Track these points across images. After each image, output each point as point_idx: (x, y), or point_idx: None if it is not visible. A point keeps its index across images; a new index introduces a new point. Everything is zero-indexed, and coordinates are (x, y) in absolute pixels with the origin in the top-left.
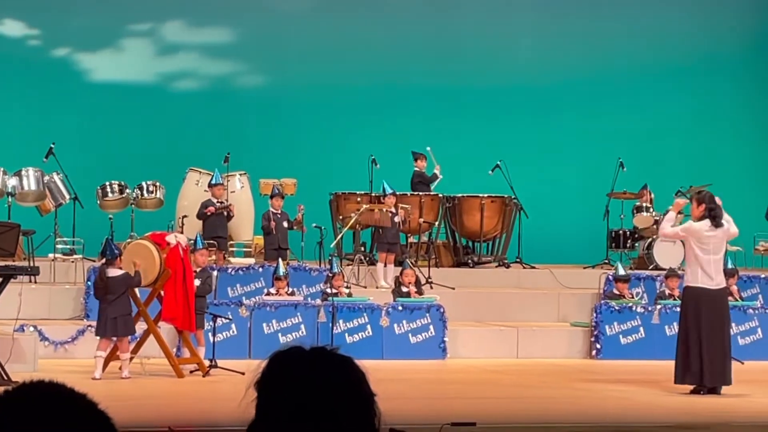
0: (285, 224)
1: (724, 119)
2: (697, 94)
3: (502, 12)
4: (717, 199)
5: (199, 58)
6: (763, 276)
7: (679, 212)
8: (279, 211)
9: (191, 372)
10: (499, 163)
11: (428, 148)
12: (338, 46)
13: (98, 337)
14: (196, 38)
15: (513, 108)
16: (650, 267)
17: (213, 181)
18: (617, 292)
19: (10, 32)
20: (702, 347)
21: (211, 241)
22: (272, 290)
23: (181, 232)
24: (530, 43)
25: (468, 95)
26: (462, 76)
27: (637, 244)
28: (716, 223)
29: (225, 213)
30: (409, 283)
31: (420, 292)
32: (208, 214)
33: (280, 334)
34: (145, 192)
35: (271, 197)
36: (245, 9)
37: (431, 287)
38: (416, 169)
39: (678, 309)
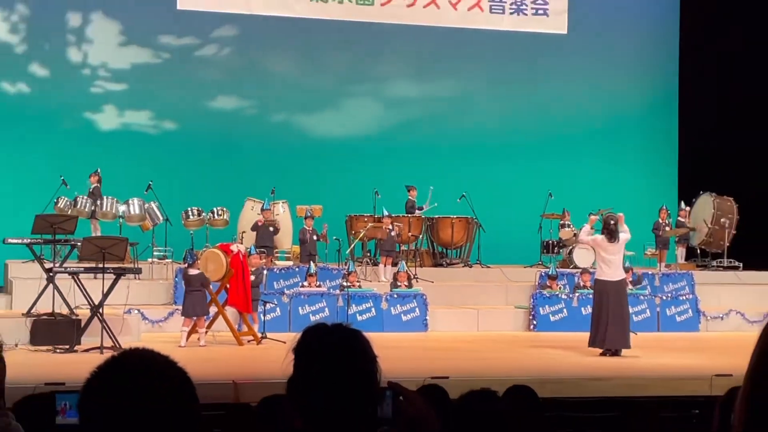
0: (314, 237)
1: (624, 162)
2: (604, 144)
3: (469, 87)
4: (620, 215)
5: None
6: (650, 272)
7: (591, 226)
8: (310, 228)
9: (248, 341)
10: (464, 194)
11: (431, 188)
12: (351, 108)
13: (183, 317)
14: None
15: (475, 154)
16: (571, 266)
17: (264, 207)
18: (548, 285)
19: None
20: (608, 322)
21: (262, 249)
22: (305, 284)
23: (241, 243)
24: (489, 108)
25: (444, 146)
26: (440, 132)
27: (561, 251)
28: (612, 237)
29: (272, 228)
30: (402, 279)
31: (409, 285)
32: (259, 224)
33: (310, 315)
34: (215, 215)
35: (305, 218)
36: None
37: (417, 281)
38: (409, 197)
39: (590, 296)
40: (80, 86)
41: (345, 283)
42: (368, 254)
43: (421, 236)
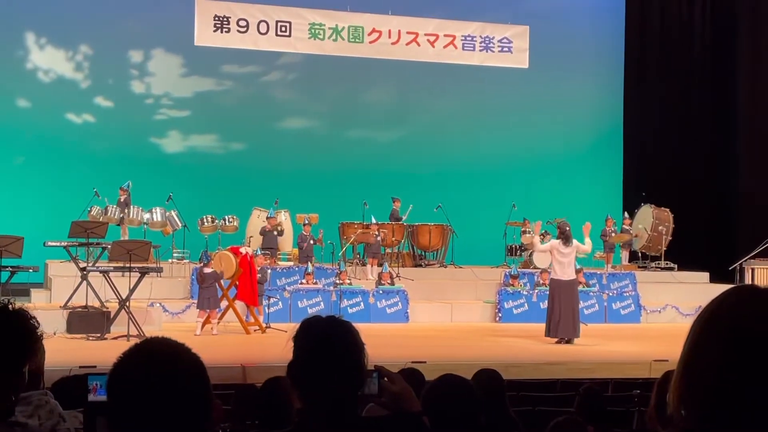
0: (311, 241)
1: (576, 180)
2: (560, 163)
3: (444, 112)
4: (587, 225)
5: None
6: (598, 272)
7: (537, 233)
8: (308, 234)
9: (254, 331)
10: (440, 204)
11: (410, 206)
12: (344, 130)
13: (198, 309)
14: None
15: (450, 170)
16: (531, 267)
17: (269, 215)
18: (511, 283)
19: None
20: (560, 315)
21: (266, 251)
22: (304, 281)
23: (249, 246)
24: (462, 129)
25: (423, 162)
26: (420, 150)
27: (523, 254)
28: (565, 241)
29: (276, 232)
30: (386, 278)
31: (392, 283)
32: (265, 230)
33: (308, 308)
34: (227, 222)
35: (303, 225)
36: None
37: (399, 279)
38: (393, 208)
39: (547, 292)
40: (144, 114)
41: (338, 281)
42: (357, 256)
43: (402, 241)
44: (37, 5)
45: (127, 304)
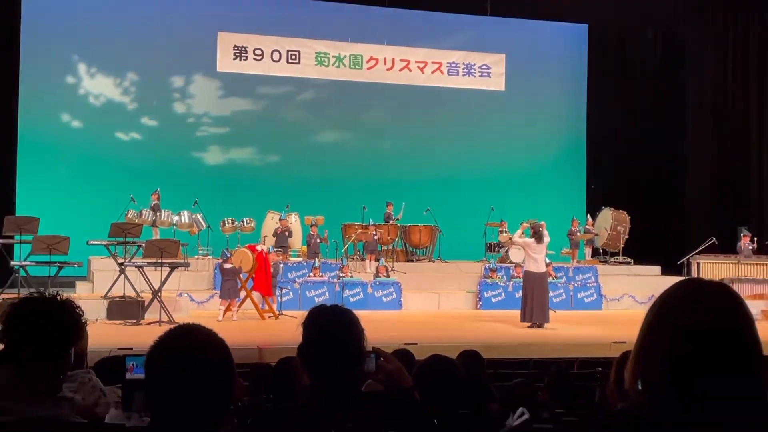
0: (318, 240)
1: (547, 186)
2: (533, 172)
3: (431, 127)
4: (542, 222)
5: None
6: (565, 266)
7: (522, 231)
8: (315, 234)
9: (269, 317)
10: (429, 208)
11: (403, 203)
12: (347, 145)
13: (220, 299)
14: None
15: (438, 178)
16: (507, 262)
17: (281, 218)
18: (490, 275)
19: None
20: (534, 302)
21: (279, 249)
22: (311, 274)
23: (264, 244)
24: (448, 142)
25: (414, 172)
26: (412, 161)
27: (500, 250)
28: (538, 240)
29: (287, 233)
30: (382, 271)
31: (387, 275)
32: (278, 231)
33: (315, 297)
34: (245, 223)
35: (311, 226)
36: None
37: (393, 272)
38: (387, 210)
39: (521, 283)
40: (186, 132)
41: (340, 274)
42: (358, 252)
43: (396, 239)
44: (87, 39)
45: (159, 294)
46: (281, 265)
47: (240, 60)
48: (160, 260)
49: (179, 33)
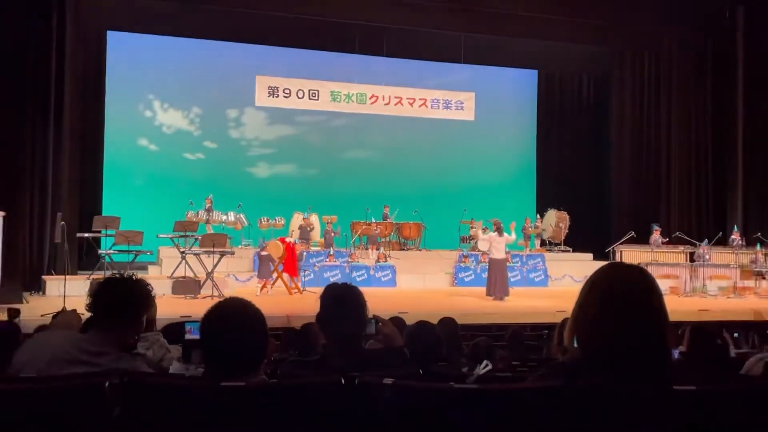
0: (332, 234)
1: (507, 194)
2: (495, 184)
3: (417, 148)
4: (513, 223)
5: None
6: (520, 254)
7: (481, 231)
8: (330, 229)
9: (295, 293)
10: (417, 210)
11: (396, 209)
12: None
13: (258, 279)
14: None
15: (425, 188)
16: (476, 251)
17: (304, 217)
18: (463, 260)
19: None
20: (497, 281)
21: (303, 240)
22: (327, 260)
23: (291, 237)
24: (429, 161)
25: (407, 182)
26: (404, 174)
27: (471, 241)
28: (499, 234)
29: (309, 228)
30: (381, 258)
31: (386, 261)
32: (301, 227)
33: (330, 277)
34: (277, 221)
35: (327, 223)
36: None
37: (390, 258)
38: (384, 211)
39: (487, 267)
40: (240, 151)
41: (350, 260)
42: (363, 243)
43: (392, 233)
44: (160, 81)
45: (212, 275)
46: (304, 253)
47: (273, 97)
48: (212, 249)
49: (230, 75)
